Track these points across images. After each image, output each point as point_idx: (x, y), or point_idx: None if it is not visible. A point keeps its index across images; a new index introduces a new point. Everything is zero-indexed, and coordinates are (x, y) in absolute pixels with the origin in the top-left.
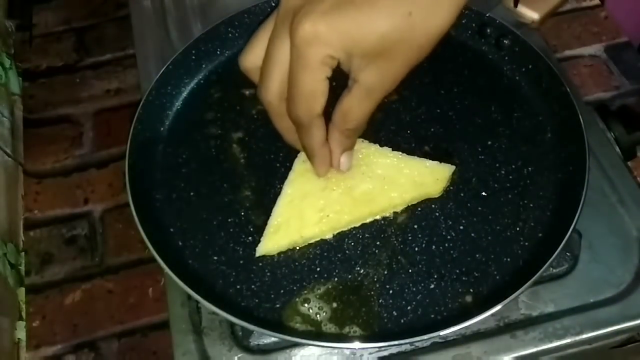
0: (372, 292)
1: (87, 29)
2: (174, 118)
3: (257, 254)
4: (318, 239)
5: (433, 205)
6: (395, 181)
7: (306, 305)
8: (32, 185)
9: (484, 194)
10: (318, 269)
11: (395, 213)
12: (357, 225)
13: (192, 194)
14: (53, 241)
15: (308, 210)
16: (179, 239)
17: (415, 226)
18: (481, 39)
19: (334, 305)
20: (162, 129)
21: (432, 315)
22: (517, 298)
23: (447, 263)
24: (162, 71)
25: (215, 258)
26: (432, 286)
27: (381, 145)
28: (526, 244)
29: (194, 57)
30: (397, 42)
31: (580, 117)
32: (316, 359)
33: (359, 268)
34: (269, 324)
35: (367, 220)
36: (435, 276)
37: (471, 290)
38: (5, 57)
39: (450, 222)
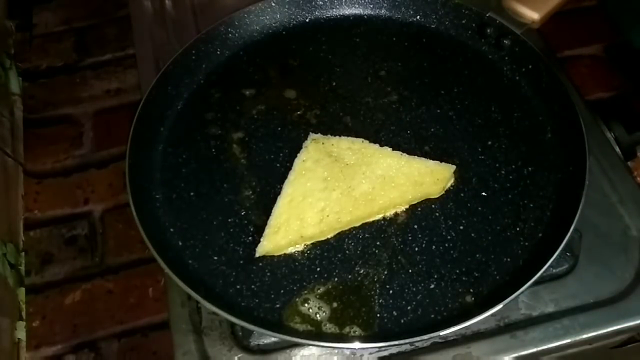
0: (372, 292)
1: (87, 29)
2: (174, 118)
3: (257, 254)
4: (318, 239)
5: (433, 205)
6: (396, 181)
7: (306, 305)
8: (32, 185)
9: (484, 194)
10: (318, 269)
11: (395, 213)
12: (357, 225)
13: (192, 194)
14: (53, 241)
15: (308, 210)
16: (179, 239)
17: (415, 226)
18: (481, 39)
19: (334, 305)
20: (162, 129)
21: (432, 315)
22: (517, 298)
23: (447, 263)
24: (162, 71)
25: (215, 258)
26: (432, 286)
27: (381, 145)
28: (526, 244)
29: (194, 57)
30: None
31: (580, 117)
32: (316, 359)
33: (359, 268)
34: (269, 324)
35: (367, 220)
36: (435, 276)
37: (471, 290)
38: (5, 57)
39: (450, 222)
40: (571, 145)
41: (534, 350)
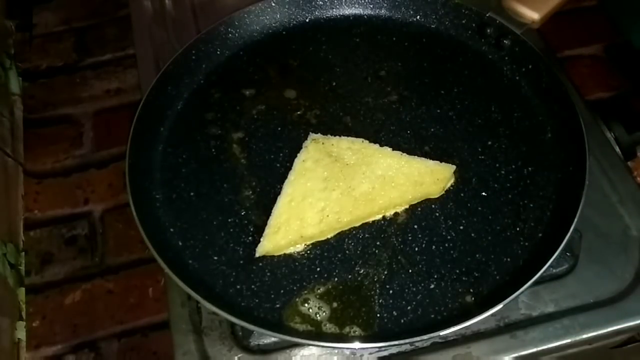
0: (372, 292)
1: (87, 29)
2: (174, 118)
3: (257, 254)
4: (318, 239)
5: (433, 205)
6: (395, 181)
7: (306, 305)
8: (32, 185)
9: (484, 194)
10: (318, 269)
11: (395, 213)
12: (357, 225)
13: (192, 194)
14: (53, 241)
15: (308, 210)
16: (179, 239)
17: (415, 226)
18: (481, 39)
19: (334, 305)
20: (162, 129)
21: (432, 315)
22: (517, 298)
23: (447, 263)
24: (162, 71)
25: (215, 258)
26: (432, 286)
27: (381, 145)
28: (526, 244)
29: (194, 57)
30: None
31: (580, 117)
32: (316, 359)
33: (359, 268)
34: (269, 324)
35: (367, 220)
36: (435, 276)
37: (471, 290)
38: (5, 57)
39: (450, 222)
40: (571, 145)
41: (534, 350)
